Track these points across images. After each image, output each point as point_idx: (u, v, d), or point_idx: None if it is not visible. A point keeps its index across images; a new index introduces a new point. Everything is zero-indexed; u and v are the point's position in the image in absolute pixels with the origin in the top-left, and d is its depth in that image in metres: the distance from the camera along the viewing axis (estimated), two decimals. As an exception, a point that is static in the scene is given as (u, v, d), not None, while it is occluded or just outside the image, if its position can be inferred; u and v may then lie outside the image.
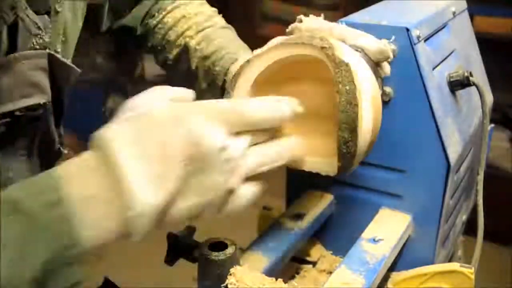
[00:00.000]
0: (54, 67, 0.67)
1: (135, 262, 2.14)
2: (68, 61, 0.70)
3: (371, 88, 0.65)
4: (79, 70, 0.71)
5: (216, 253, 0.65)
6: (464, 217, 1.05)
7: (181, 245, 0.71)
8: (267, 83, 0.69)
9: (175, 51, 0.91)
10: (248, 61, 0.67)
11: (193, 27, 0.90)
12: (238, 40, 0.91)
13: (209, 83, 0.88)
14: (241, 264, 0.67)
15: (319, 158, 0.68)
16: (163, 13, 0.93)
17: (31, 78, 0.63)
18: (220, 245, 0.67)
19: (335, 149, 0.63)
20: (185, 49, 0.90)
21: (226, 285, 0.65)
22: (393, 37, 0.78)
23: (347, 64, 0.62)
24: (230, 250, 0.65)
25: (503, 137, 2.54)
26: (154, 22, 0.93)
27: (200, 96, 0.87)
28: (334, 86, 0.62)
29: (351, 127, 0.62)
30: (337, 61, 0.62)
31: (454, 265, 0.79)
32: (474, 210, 0.93)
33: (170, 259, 0.73)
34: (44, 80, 0.66)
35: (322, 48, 0.63)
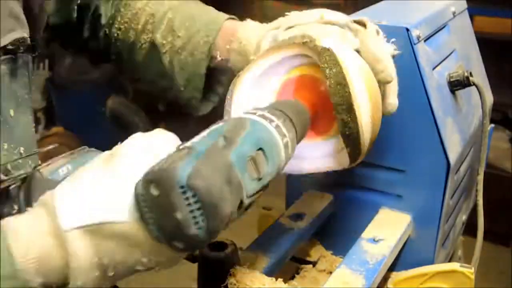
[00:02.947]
0: None
1: (135, 262, 2.14)
2: None
3: (360, 67, 0.66)
4: None
5: (216, 253, 0.65)
6: (464, 217, 1.05)
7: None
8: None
9: (140, 54, 0.85)
10: (238, 76, 0.69)
11: (149, 20, 0.83)
12: (204, 12, 0.84)
13: (187, 76, 0.82)
14: (241, 264, 0.67)
15: (330, 157, 0.69)
16: (118, 16, 0.86)
17: (11, 9, 0.62)
18: (220, 245, 0.67)
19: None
20: (151, 47, 0.84)
21: (226, 285, 0.65)
22: (393, 39, 0.78)
23: (328, 49, 0.63)
24: (230, 250, 0.66)
25: (503, 137, 2.54)
26: (113, 29, 0.87)
27: (179, 97, 0.85)
28: (322, 73, 0.63)
29: (347, 106, 0.62)
30: (319, 49, 0.63)
31: (454, 265, 0.79)
32: (474, 210, 0.93)
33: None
34: (20, 12, 0.64)
35: (304, 43, 0.65)
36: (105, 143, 0.62)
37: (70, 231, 0.47)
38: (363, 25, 0.70)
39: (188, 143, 0.49)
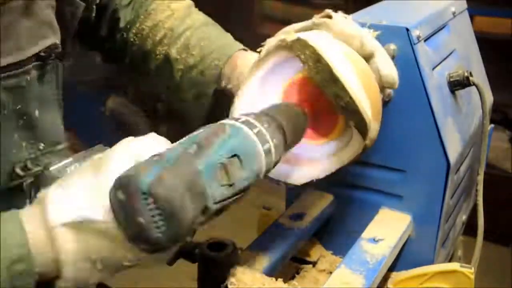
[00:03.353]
0: (60, 4, 0.68)
1: (135, 262, 2.14)
2: None
3: (334, 43, 0.66)
4: (83, 3, 0.72)
5: (216, 253, 0.65)
6: (464, 217, 1.05)
7: (181, 246, 0.71)
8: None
9: (154, 63, 0.87)
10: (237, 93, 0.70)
11: (168, 34, 0.86)
12: (220, 36, 0.87)
13: (196, 93, 0.85)
14: (241, 264, 0.67)
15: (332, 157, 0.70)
16: (138, 22, 0.88)
17: (45, 18, 0.65)
18: (220, 245, 0.67)
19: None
20: (166, 59, 0.86)
21: (226, 285, 0.65)
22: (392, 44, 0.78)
23: (298, 38, 0.64)
24: (230, 250, 0.66)
25: (503, 137, 2.54)
26: (130, 34, 0.88)
27: (185, 108, 0.88)
28: (302, 62, 0.64)
29: (331, 78, 0.62)
30: (290, 43, 0.65)
31: (454, 265, 0.79)
32: (474, 210, 0.93)
33: (171, 259, 0.73)
34: (53, 19, 0.67)
35: (278, 46, 0.67)
36: (105, 143, 0.62)
37: (58, 227, 0.50)
38: (328, 16, 0.72)
39: (162, 150, 0.51)
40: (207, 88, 0.84)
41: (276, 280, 0.67)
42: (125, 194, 0.47)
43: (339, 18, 0.72)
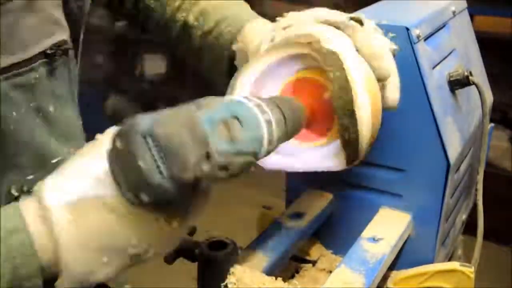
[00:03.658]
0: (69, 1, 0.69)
1: (135, 261, 2.14)
2: None
3: (363, 73, 0.66)
4: None
5: (216, 253, 0.65)
6: (463, 216, 1.05)
7: (181, 245, 0.71)
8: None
9: (175, 29, 0.89)
10: (235, 78, 0.69)
11: (186, 1, 0.88)
12: (236, 4, 0.88)
13: (214, 58, 0.86)
14: (241, 264, 0.67)
15: (327, 159, 0.69)
16: None
17: (50, 15, 0.65)
18: (220, 245, 0.67)
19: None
20: (185, 25, 0.88)
21: (226, 284, 0.65)
22: (390, 34, 0.78)
23: (334, 52, 0.63)
24: (230, 249, 0.66)
25: (503, 137, 2.54)
26: (151, 1, 0.90)
27: (206, 73, 0.90)
28: (326, 75, 0.63)
29: (349, 112, 0.62)
30: (325, 51, 0.63)
31: (454, 265, 0.79)
32: (474, 210, 0.93)
33: (170, 258, 0.73)
34: (61, 16, 0.67)
35: (309, 43, 0.65)
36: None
37: (53, 209, 0.48)
38: (360, 22, 0.70)
39: None
40: (221, 54, 0.84)
41: (276, 279, 0.67)
42: (124, 140, 0.45)
43: (369, 29, 0.71)
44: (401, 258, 0.87)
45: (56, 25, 0.67)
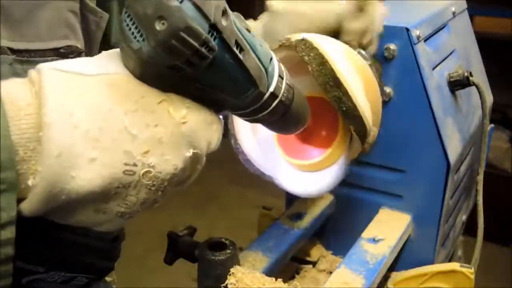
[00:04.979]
0: (85, 13, 0.69)
1: (135, 262, 2.14)
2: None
3: (339, 46, 0.66)
4: (106, 14, 0.73)
5: (216, 253, 0.65)
6: (464, 217, 1.06)
7: (181, 245, 0.71)
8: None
9: None
10: None
11: None
12: None
13: None
14: (241, 264, 0.67)
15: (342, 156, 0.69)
16: None
17: (66, 19, 0.66)
18: (220, 245, 0.67)
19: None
20: None
21: (226, 285, 0.65)
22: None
23: (302, 39, 0.64)
24: (230, 250, 0.66)
25: (503, 137, 2.54)
26: None
27: None
28: (306, 63, 0.64)
29: (333, 81, 0.62)
30: (294, 43, 0.64)
31: (454, 265, 0.79)
32: (474, 210, 0.93)
33: (170, 259, 0.73)
34: (76, 24, 0.68)
35: (280, 45, 0.66)
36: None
37: (44, 69, 0.40)
38: None
39: None
40: None
41: (276, 280, 0.67)
42: None
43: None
44: (401, 259, 0.87)
45: (70, 30, 0.67)
